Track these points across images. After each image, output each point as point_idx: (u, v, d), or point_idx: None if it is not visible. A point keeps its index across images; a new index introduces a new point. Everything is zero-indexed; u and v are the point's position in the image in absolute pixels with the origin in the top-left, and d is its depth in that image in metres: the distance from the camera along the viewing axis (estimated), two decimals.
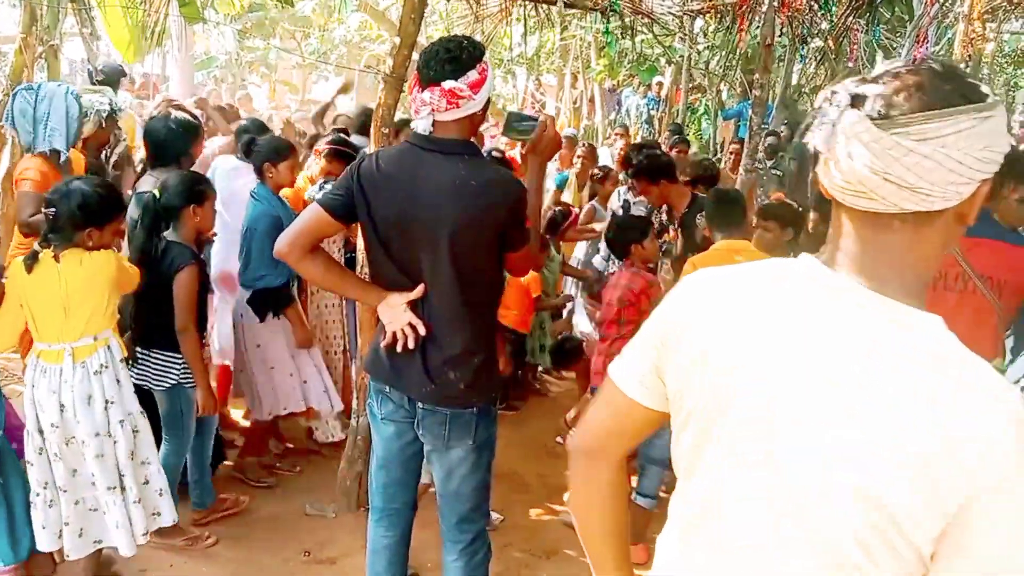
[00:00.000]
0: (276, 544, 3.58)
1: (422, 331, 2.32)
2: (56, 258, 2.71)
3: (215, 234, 3.75)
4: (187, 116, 4.05)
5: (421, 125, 2.27)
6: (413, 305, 2.33)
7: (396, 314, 2.33)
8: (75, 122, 3.75)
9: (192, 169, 3.86)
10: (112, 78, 6.08)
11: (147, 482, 2.89)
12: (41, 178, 3.65)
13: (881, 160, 1.00)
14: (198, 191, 3.27)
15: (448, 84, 2.18)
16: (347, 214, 2.34)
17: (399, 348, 2.35)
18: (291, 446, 4.51)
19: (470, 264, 2.27)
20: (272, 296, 3.84)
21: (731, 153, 8.56)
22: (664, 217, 4.97)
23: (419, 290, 2.31)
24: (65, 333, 2.75)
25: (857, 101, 1.03)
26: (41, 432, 2.78)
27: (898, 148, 1.00)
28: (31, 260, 2.69)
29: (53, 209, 2.70)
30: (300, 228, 2.33)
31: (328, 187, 2.65)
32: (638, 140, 10.82)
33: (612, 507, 1.38)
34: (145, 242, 3.08)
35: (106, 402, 2.77)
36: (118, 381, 2.82)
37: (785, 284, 1.14)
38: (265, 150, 3.94)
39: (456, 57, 2.19)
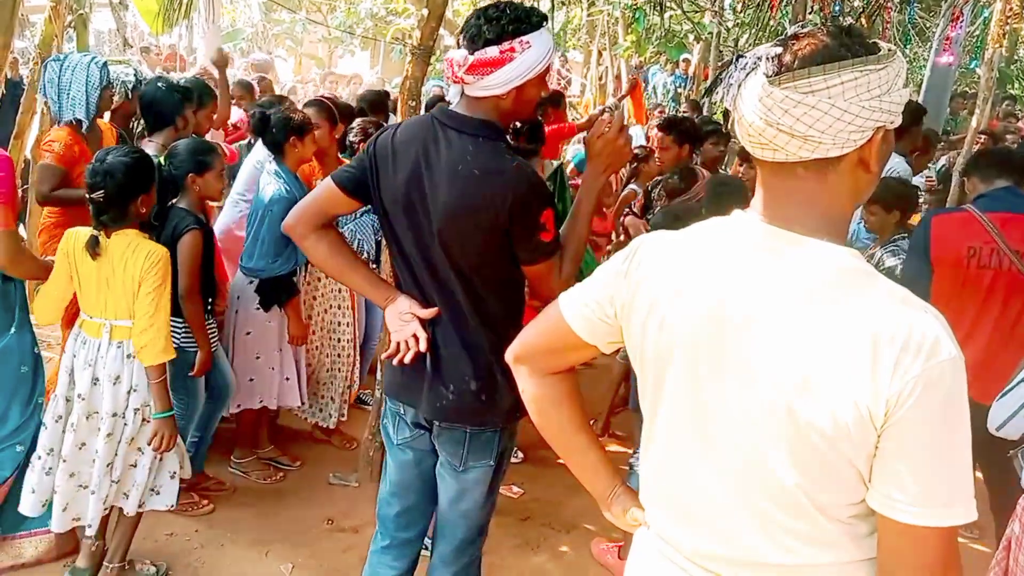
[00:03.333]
0: (299, 512, 3.63)
1: (423, 345, 2.08)
2: (107, 234, 2.72)
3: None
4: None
5: (451, 95, 2.08)
6: (424, 306, 2.11)
7: (402, 322, 2.11)
8: (96, 91, 3.74)
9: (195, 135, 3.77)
10: None
11: (133, 466, 2.87)
12: (65, 151, 3.66)
13: (773, 113, 1.11)
14: (199, 160, 3.24)
15: (454, 53, 1.96)
16: (357, 189, 2.13)
17: (395, 361, 2.13)
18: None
19: (467, 264, 2.01)
20: (280, 286, 3.70)
21: None
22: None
23: (430, 312, 2.08)
24: (107, 309, 2.77)
25: (758, 62, 1.14)
26: (68, 400, 2.81)
27: (787, 100, 1.10)
28: (94, 246, 2.69)
29: (100, 191, 2.69)
30: (309, 202, 2.18)
31: None
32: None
33: (555, 412, 1.51)
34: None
35: (131, 386, 2.79)
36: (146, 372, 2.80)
37: (716, 238, 1.25)
38: (283, 126, 3.65)
39: (480, 27, 1.94)
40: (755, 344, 1.16)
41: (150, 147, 3.70)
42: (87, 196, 2.73)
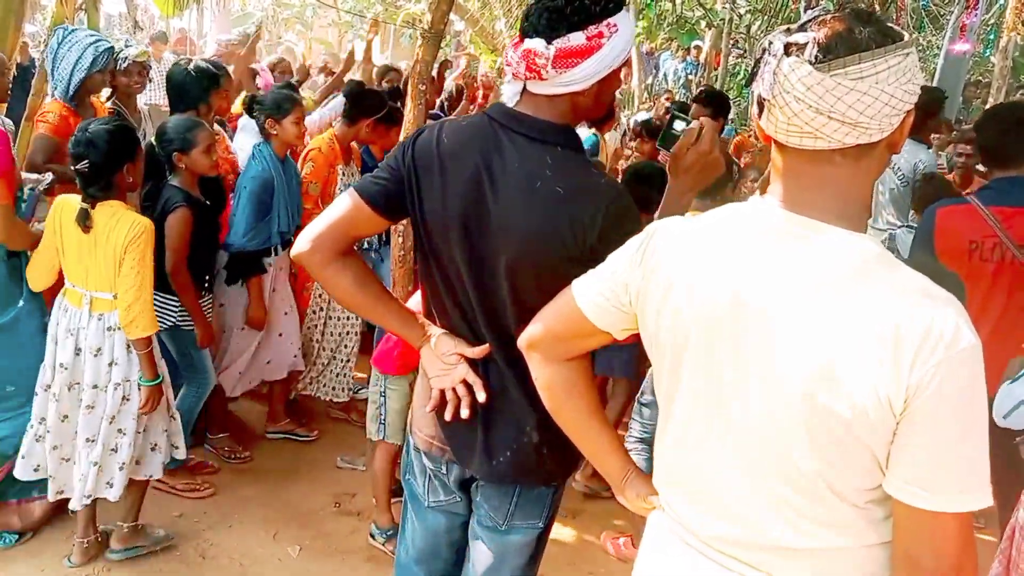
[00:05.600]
0: (307, 494, 3.66)
1: (481, 396, 1.73)
2: (93, 205, 2.73)
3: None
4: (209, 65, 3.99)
5: (507, 92, 1.69)
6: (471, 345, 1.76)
7: (445, 366, 1.76)
8: (81, 72, 3.73)
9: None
10: None
11: (115, 450, 2.86)
12: (59, 121, 3.68)
13: (825, 101, 1.10)
14: (184, 138, 3.24)
15: (531, 43, 1.58)
16: (392, 205, 1.74)
17: (448, 415, 1.77)
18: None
19: (538, 299, 1.57)
20: (245, 261, 3.70)
21: None
22: None
23: (481, 350, 1.74)
24: (88, 279, 2.78)
25: (790, 49, 1.13)
26: (52, 368, 2.83)
27: (839, 88, 1.10)
28: (84, 219, 2.70)
29: (85, 162, 2.69)
30: (328, 222, 1.74)
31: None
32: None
33: (568, 398, 1.51)
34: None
35: (113, 359, 2.80)
36: (128, 347, 2.81)
37: (734, 225, 1.25)
38: (266, 105, 3.78)
39: (558, 8, 1.57)
40: (775, 330, 1.16)
41: None
42: (73, 168, 2.74)
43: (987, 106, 5.53)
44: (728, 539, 1.28)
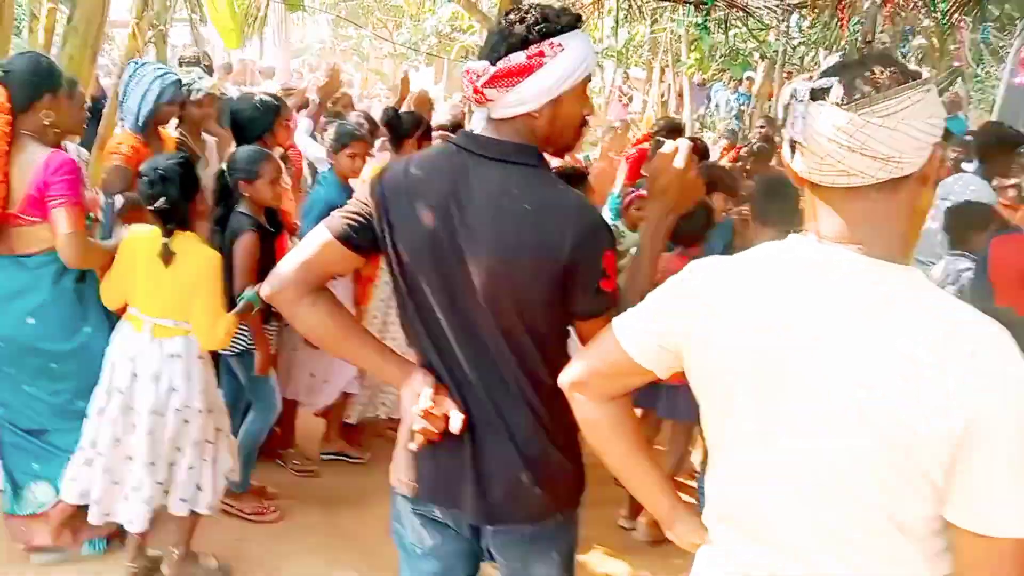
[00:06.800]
0: (363, 519, 3.67)
1: (456, 424, 1.63)
2: (171, 237, 2.83)
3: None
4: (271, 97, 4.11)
5: (475, 120, 1.76)
6: (450, 387, 1.68)
7: (421, 400, 1.65)
8: (148, 106, 3.83)
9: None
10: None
11: (173, 464, 2.91)
12: (132, 152, 3.78)
13: (856, 139, 1.15)
14: (250, 168, 3.32)
15: (473, 64, 1.61)
16: (364, 241, 1.68)
17: (414, 446, 1.69)
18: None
19: (516, 321, 1.60)
20: None
21: None
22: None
23: (458, 417, 1.63)
24: (152, 306, 2.85)
25: (817, 93, 1.18)
26: (107, 393, 2.87)
27: (868, 126, 1.14)
28: (167, 253, 2.79)
29: (163, 199, 2.79)
30: (298, 261, 1.68)
31: None
32: (727, 136, 10.62)
33: (614, 436, 1.50)
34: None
35: (171, 386, 2.85)
36: (189, 374, 2.86)
37: (776, 261, 1.28)
38: (327, 137, 4.04)
39: (503, 31, 1.58)
40: (826, 362, 1.18)
41: None
42: (149, 206, 2.82)
43: None
44: (783, 574, 1.28)
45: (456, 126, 6.43)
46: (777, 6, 8.00)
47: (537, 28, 1.56)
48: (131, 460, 2.86)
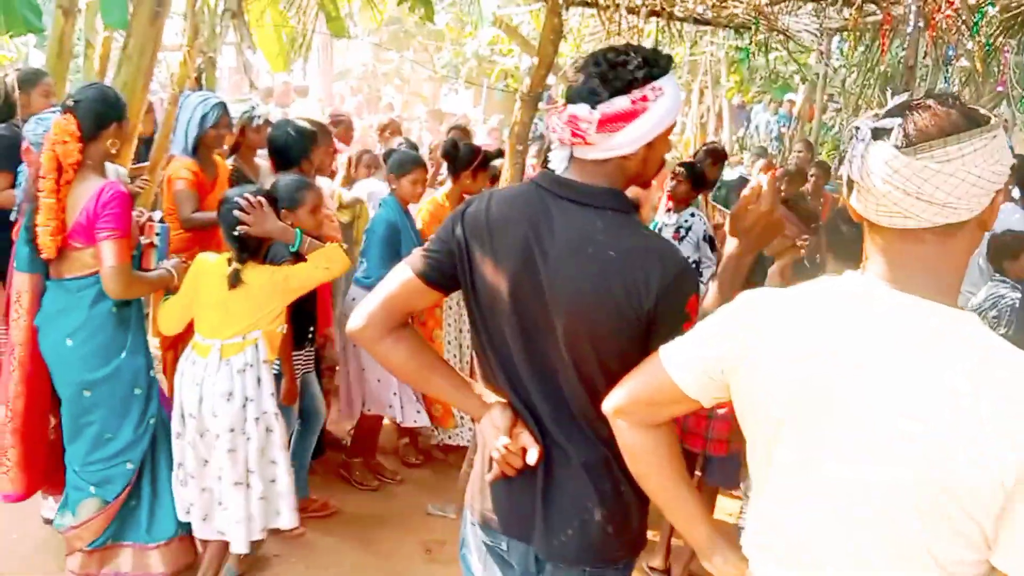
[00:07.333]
0: (398, 540, 3.73)
1: (533, 457, 1.67)
2: (243, 264, 2.96)
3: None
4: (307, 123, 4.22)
5: (555, 159, 1.70)
6: (528, 420, 1.72)
7: (499, 434, 1.70)
8: (195, 130, 3.99)
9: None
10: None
11: (273, 481, 3.02)
12: (193, 177, 3.95)
13: (913, 183, 1.15)
14: (292, 197, 3.40)
15: (575, 108, 1.59)
16: (443, 278, 1.74)
17: (490, 478, 1.75)
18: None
19: (597, 365, 1.63)
20: None
21: None
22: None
23: (535, 449, 1.68)
24: (219, 330, 2.96)
25: (879, 134, 1.18)
26: (182, 418, 2.99)
27: (926, 171, 1.14)
28: (235, 280, 2.92)
29: (245, 227, 2.95)
30: (381, 298, 1.73)
31: None
32: (766, 157, 10.55)
33: (656, 464, 1.51)
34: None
35: (245, 399, 2.93)
36: (259, 380, 2.97)
37: (830, 297, 1.28)
38: (390, 163, 4.26)
39: (603, 74, 1.58)
40: (877, 404, 1.18)
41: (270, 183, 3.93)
42: (230, 234, 2.97)
43: None
44: None
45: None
46: (818, 29, 7.96)
47: (641, 72, 1.58)
48: (220, 480, 2.97)
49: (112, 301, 3.01)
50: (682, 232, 4.30)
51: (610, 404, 1.54)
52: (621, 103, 1.57)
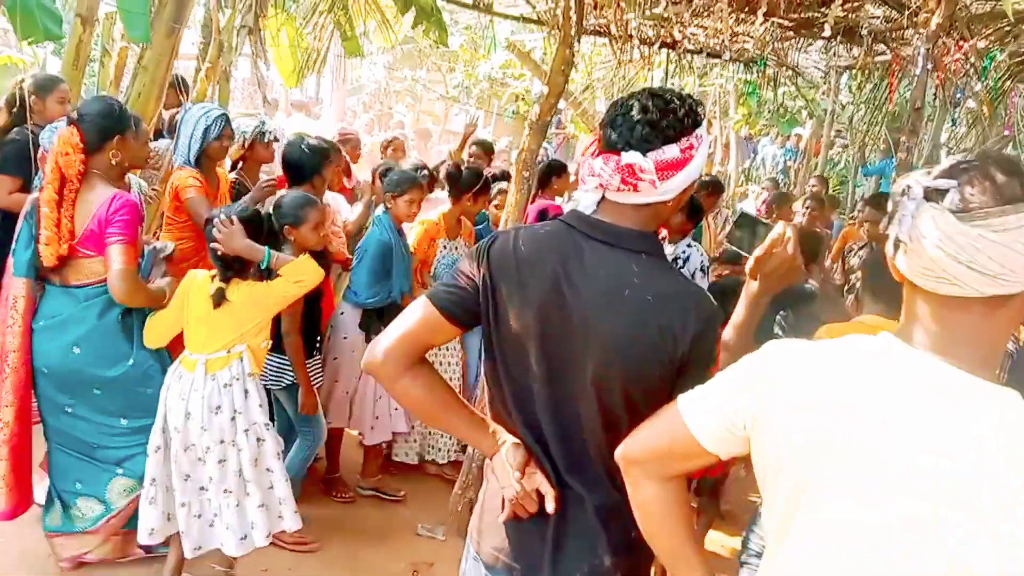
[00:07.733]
0: (387, 558, 3.74)
1: (550, 506, 1.67)
2: (228, 283, 2.99)
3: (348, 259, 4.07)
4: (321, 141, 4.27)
5: (584, 200, 1.68)
6: (539, 459, 1.71)
7: (512, 476, 1.69)
8: (197, 142, 4.04)
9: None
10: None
11: (271, 488, 3.03)
12: (201, 184, 4.00)
13: (965, 251, 1.10)
14: (295, 214, 3.44)
15: (630, 157, 1.57)
16: (465, 314, 1.72)
17: (502, 518, 1.73)
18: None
19: (624, 408, 1.61)
20: (383, 314, 4.02)
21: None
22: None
23: (551, 494, 1.67)
24: (205, 345, 2.98)
25: (931, 195, 1.13)
26: (164, 432, 2.98)
27: (981, 240, 1.09)
28: (220, 297, 2.95)
29: (217, 245, 2.98)
30: (400, 333, 1.70)
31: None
32: (767, 185, 10.62)
33: (666, 519, 1.46)
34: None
35: (234, 412, 2.95)
36: (246, 393, 2.97)
37: (867, 359, 1.22)
38: (386, 182, 4.25)
39: (654, 122, 1.57)
40: (898, 458, 1.13)
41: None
42: (213, 252, 3.00)
43: None
44: None
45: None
46: (827, 66, 8.04)
47: (689, 120, 1.59)
48: (204, 491, 2.97)
49: (119, 310, 3.04)
50: (679, 263, 4.32)
51: (623, 453, 1.50)
52: (672, 152, 1.58)
